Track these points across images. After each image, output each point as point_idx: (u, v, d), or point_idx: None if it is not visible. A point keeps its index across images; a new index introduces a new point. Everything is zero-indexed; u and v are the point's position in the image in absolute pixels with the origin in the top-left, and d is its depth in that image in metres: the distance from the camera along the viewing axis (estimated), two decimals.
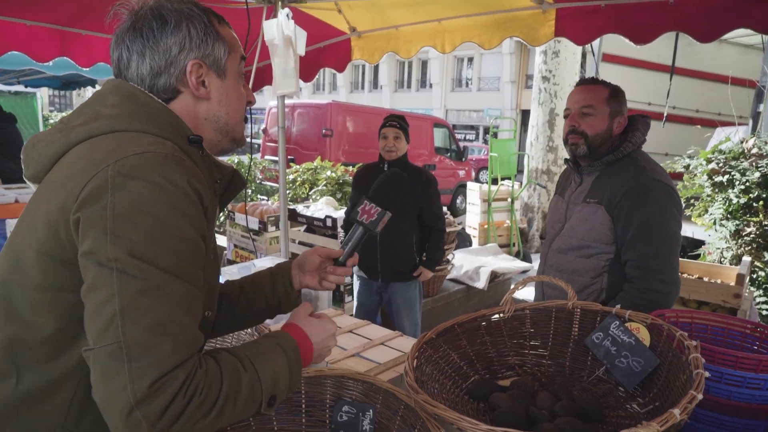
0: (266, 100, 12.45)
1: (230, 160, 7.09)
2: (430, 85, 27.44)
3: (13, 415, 0.80)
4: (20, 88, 8.77)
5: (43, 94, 10.97)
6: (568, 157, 2.01)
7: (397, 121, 2.97)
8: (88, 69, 3.87)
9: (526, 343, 1.39)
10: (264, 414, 0.89)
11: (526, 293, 4.11)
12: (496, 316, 1.40)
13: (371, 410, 1.17)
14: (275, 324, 1.70)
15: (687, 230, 4.81)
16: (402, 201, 2.95)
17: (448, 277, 4.54)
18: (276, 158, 9.39)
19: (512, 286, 1.40)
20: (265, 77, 3.79)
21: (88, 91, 9.46)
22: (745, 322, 1.33)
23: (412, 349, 1.21)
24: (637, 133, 1.86)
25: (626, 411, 1.15)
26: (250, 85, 2.79)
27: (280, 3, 2.43)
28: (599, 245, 1.83)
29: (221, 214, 6.33)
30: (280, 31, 2.21)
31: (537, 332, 1.38)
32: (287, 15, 2.24)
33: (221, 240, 5.59)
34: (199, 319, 0.82)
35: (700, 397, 0.90)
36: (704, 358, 1.15)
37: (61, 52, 3.52)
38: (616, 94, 1.90)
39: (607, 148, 1.88)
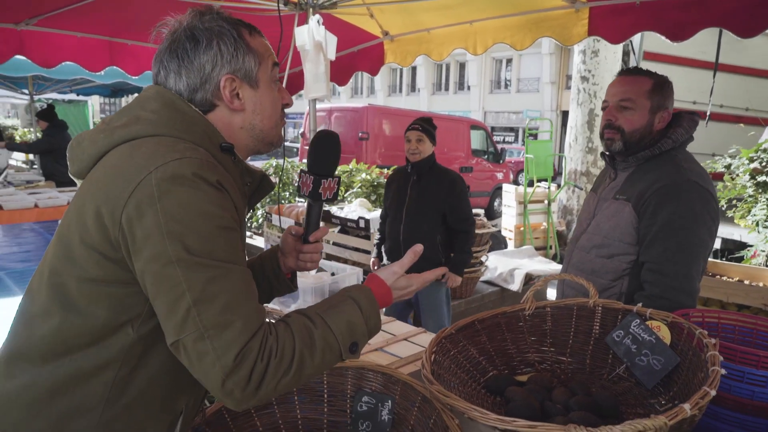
0: (305, 104, 12.67)
1: (268, 164, 7.26)
2: (468, 88, 27.26)
3: (62, 391, 0.88)
4: (73, 96, 9.26)
5: (94, 101, 11.56)
6: (604, 151, 1.89)
7: (419, 124, 2.99)
8: (137, 77, 4.07)
9: (546, 340, 1.39)
10: (353, 358, 0.97)
11: (551, 294, 4.06)
12: (517, 313, 1.41)
13: (390, 401, 1.20)
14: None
15: (734, 233, 4.64)
16: (420, 197, 2.97)
17: (482, 278, 4.53)
18: None
19: (534, 285, 1.41)
20: (300, 82, 3.90)
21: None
22: None
23: (431, 343, 1.24)
24: (679, 130, 1.72)
25: (645, 409, 1.15)
26: None
27: (311, 10, 2.51)
28: (621, 245, 1.72)
29: (258, 215, 6.49)
30: (311, 37, 2.28)
31: (558, 330, 1.39)
32: (318, 21, 2.30)
33: (259, 241, 5.74)
34: (257, 294, 0.91)
35: (713, 393, 0.90)
36: (726, 357, 1.13)
37: (110, 62, 3.72)
38: (660, 86, 1.74)
39: (646, 143, 1.74)
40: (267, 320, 0.89)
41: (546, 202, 6.53)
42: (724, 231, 4.53)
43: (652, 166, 1.73)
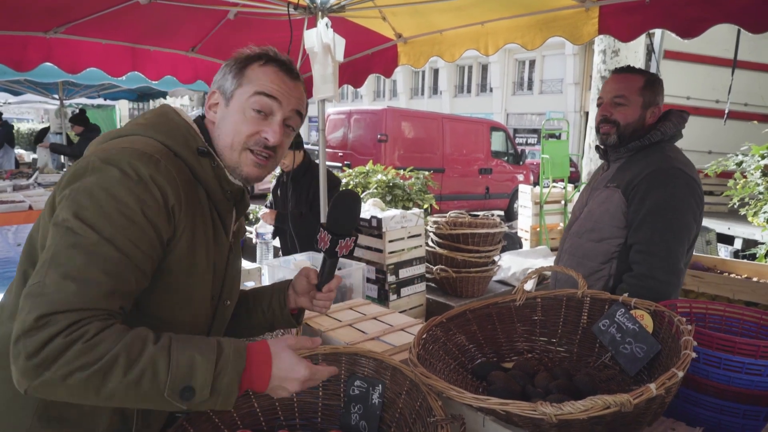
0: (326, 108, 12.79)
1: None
2: (491, 89, 27.11)
3: None
4: (101, 101, 9.56)
5: (122, 106, 11.92)
6: (599, 145, 2.01)
7: None
8: (156, 82, 4.22)
9: (536, 329, 1.43)
10: (178, 408, 0.84)
11: None
12: (508, 304, 1.45)
13: (380, 385, 1.25)
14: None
15: (755, 233, 4.55)
16: (299, 200, 3.24)
17: (495, 278, 4.53)
18: (335, 164, 9.67)
19: (525, 276, 1.45)
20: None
21: (161, 102, 10.19)
22: (761, 313, 1.31)
23: (421, 330, 1.29)
24: (668, 124, 1.84)
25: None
26: None
27: (320, 13, 2.58)
28: (611, 228, 1.82)
29: None
30: (319, 39, 2.35)
31: (547, 320, 1.43)
32: (326, 24, 2.38)
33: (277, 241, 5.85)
34: (125, 288, 0.89)
35: (680, 374, 0.93)
36: (704, 344, 1.16)
37: (132, 67, 3.86)
38: (651, 83, 1.87)
39: (638, 136, 1.86)
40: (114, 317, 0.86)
41: (562, 202, 6.49)
42: (744, 231, 4.45)
43: (641, 157, 1.84)
